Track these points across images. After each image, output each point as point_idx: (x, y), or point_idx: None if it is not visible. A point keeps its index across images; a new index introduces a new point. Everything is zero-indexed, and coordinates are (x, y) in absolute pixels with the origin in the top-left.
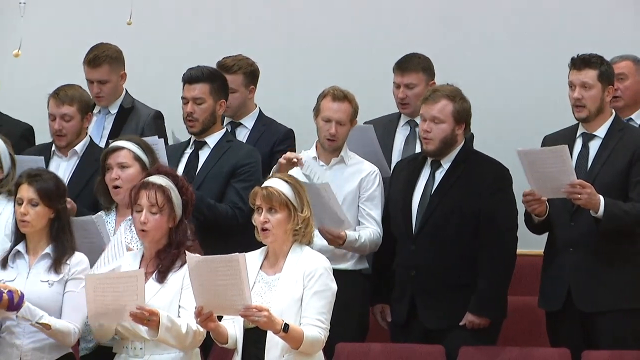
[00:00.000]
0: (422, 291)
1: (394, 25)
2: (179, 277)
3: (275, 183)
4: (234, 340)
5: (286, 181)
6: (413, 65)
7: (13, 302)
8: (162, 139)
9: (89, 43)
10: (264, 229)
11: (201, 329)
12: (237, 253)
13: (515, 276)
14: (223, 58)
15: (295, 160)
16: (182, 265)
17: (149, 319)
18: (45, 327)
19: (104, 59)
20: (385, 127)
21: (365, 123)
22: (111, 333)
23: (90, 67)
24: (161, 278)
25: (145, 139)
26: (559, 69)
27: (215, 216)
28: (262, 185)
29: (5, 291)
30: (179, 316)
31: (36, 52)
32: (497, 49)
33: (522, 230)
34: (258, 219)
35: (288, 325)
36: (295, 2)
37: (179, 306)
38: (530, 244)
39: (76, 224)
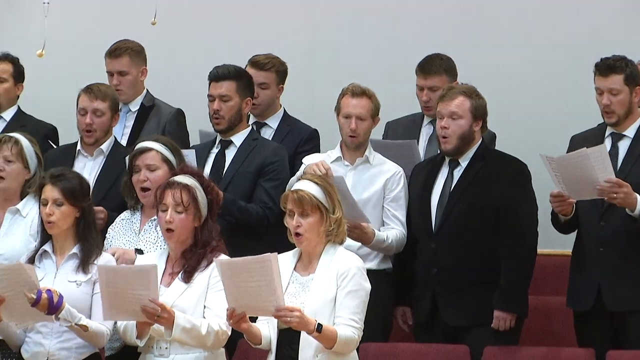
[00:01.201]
0: (444, 289)
1: (417, 25)
2: (205, 277)
3: (305, 186)
4: (267, 341)
5: (317, 183)
6: (435, 67)
7: (53, 303)
8: (194, 150)
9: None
10: (297, 234)
11: (224, 329)
12: (269, 253)
13: (539, 276)
14: (255, 55)
15: (322, 171)
16: (207, 265)
17: (159, 314)
18: (83, 329)
19: (125, 50)
20: (408, 127)
21: (388, 123)
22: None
23: (111, 57)
24: (187, 278)
25: (183, 151)
26: (582, 69)
27: (247, 218)
28: (293, 189)
29: (44, 290)
30: (204, 316)
31: (60, 53)
32: (519, 49)
33: (547, 230)
34: (290, 223)
35: (322, 325)
36: (318, 2)
37: (204, 306)
38: (555, 244)
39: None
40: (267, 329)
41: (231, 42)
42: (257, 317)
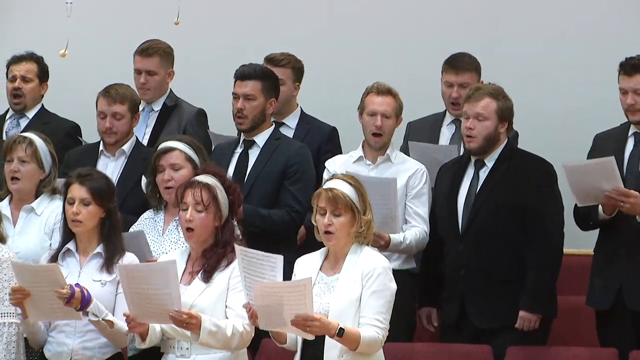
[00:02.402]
0: (472, 290)
1: (438, 24)
2: (225, 277)
3: (339, 185)
4: (293, 341)
5: (349, 183)
6: (466, 64)
7: (84, 296)
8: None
9: (135, 43)
10: (327, 232)
11: (248, 329)
12: (309, 279)
13: (563, 276)
14: (271, 53)
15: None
16: (227, 265)
17: (187, 322)
18: (109, 325)
19: (156, 50)
20: (431, 127)
21: (410, 123)
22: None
23: (142, 56)
24: (207, 278)
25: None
26: (605, 68)
27: (270, 226)
28: (326, 187)
29: (74, 284)
30: (227, 316)
31: (83, 52)
32: (542, 49)
33: (570, 230)
34: (321, 221)
35: (343, 329)
36: (338, 2)
37: (226, 306)
38: (578, 243)
39: (125, 238)
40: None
41: (250, 42)
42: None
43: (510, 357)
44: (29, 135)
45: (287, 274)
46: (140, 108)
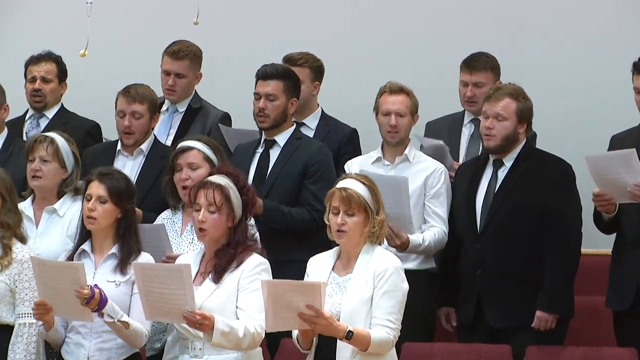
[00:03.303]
0: (489, 290)
1: (458, 25)
2: (235, 278)
3: (352, 184)
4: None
5: (363, 182)
6: (482, 64)
7: (102, 297)
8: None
9: (154, 42)
10: (340, 231)
11: (259, 330)
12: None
13: (581, 276)
14: (290, 53)
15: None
16: (238, 266)
17: (201, 322)
18: (125, 326)
19: (186, 53)
20: (450, 126)
21: (429, 123)
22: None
23: (172, 58)
24: (217, 278)
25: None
26: (623, 68)
27: (291, 223)
28: (339, 187)
29: (92, 285)
30: (237, 317)
31: (102, 52)
32: (560, 49)
33: (588, 230)
34: (334, 220)
35: (352, 332)
36: (359, 2)
37: (237, 307)
38: (597, 243)
39: (144, 230)
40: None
41: (270, 42)
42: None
43: (530, 356)
44: (51, 134)
45: (301, 273)
46: (164, 108)
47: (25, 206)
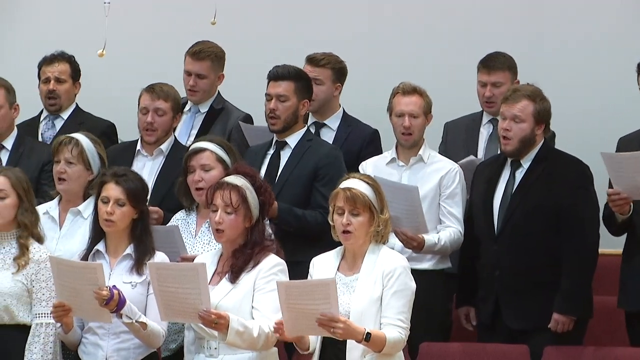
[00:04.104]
0: (507, 291)
1: (475, 25)
2: (251, 278)
3: (356, 184)
4: (314, 345)
5: (366, 182)
6: (499, 63)
7: (120, 299)
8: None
9: (172, 42)
10: (346, 232)
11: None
12: (332, 279)
13: (597, 276)
14: (313, 53)
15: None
16: (254, 266)
17: (216, 322)
18: (142, 327)
19: (208, 54)
20: (468, 127)
21: (447, 124)
22: None
23: (193, 58)
24: (233, 278)
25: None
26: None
27: (304, 225)
28: (343, 187)
29: (111, 286)
30: (253, 317)
31: (120, 52)
32: (577, 49)
33: (604, 230)
34: (339, 220)
35: (370, 334)
36: (376, 1)
37: (252, 307)
38: (612, 243)
39: (158, 232)
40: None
41: (288, 42)
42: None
43: (548, 357)
44: (76, 135)
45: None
46: (187, 108)
47: (51, 207)
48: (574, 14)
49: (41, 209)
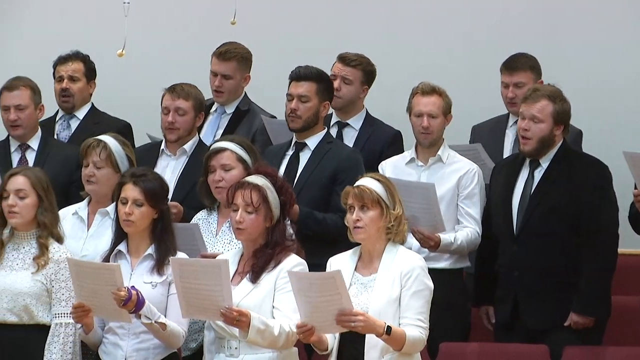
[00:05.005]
0: (525, 291)
1: (497, 26)
2: (272, 278)
3: (366, 182)
4: (332, 345)
5: (378, 180)
6: (521, 64)
7: (139, 299)
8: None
9: (192, 43)
10: (356, 227)
11: (294, 330)
12: (338, 271)
13: (618, 276)
14: (346, 52)
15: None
16: (276, 266)
17: (238, 319)
18: (162, 327)
19: (234, 54)
20: (494, 129)
21: (474, 127)
22: None
23: (219, 59)
24: (254, 278)
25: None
26: None
27: (325, 229)
28: (354, 185)
29: (130, 287)
30: (273, 317)
31: (139, 52)
32: (600, 49)
33: (627, 230)
34: (350, 217)
35: (391, 327)
36: (397, 3)
37: (273, 307)
38: (635, 243)
39: (179, 230)
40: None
41: (310, 44)
42: None
43: (567, 357)
44: (104, 138)
45: None
46: (213, 109)
47: (81, 207)
48: (596, 13)
49: (70, 209)
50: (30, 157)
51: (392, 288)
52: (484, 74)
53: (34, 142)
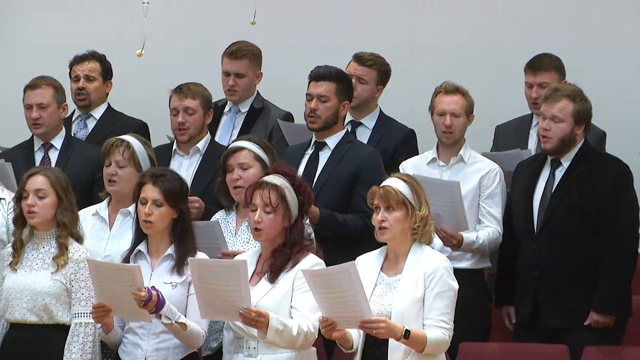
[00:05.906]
0: (546, 290)
1: (519, 26)
2: (290, 278)
3: (392, 182)
4: (357, 344)
5: (404, 180)
6: (545, 64)
7: (159, 299)
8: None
9: (210, 43)
10: (381, 227)
11: (312, 330)
12: (351, 263)
13: (636, 275)
14: (361, 51)
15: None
16: (294, 266)
17: (256, 320)
18: (182, 327)
19: (245, 52)
20: (518, 129)
21: (498, 126)
22: None
23: (231, 58)
24: (272, 278)
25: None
26: None
27: (346, 230)
28: (380, 185)
29: (150, 287)
30: (291, 317)
31: (158, 52)
32: (622, 50)
33: None
34: (376, 218)
35: (409, 331)
36: (418, 4)
37: (291, 307)
38: None
39: (199, 228)
40: (357, 332)
41: (330, 44)
42: None
43: (588, 356)
44: (127, 138)
45: None
46: (227, 109)
47: (101, 207)
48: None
49: (90, 210)
50: (53, 156)
51: (415, 289)
52: (506, 75)
53: (57, 141)
